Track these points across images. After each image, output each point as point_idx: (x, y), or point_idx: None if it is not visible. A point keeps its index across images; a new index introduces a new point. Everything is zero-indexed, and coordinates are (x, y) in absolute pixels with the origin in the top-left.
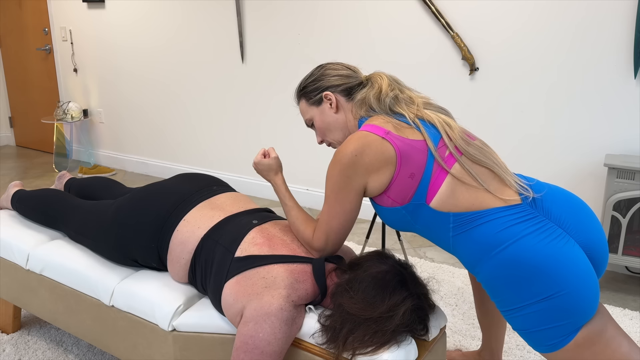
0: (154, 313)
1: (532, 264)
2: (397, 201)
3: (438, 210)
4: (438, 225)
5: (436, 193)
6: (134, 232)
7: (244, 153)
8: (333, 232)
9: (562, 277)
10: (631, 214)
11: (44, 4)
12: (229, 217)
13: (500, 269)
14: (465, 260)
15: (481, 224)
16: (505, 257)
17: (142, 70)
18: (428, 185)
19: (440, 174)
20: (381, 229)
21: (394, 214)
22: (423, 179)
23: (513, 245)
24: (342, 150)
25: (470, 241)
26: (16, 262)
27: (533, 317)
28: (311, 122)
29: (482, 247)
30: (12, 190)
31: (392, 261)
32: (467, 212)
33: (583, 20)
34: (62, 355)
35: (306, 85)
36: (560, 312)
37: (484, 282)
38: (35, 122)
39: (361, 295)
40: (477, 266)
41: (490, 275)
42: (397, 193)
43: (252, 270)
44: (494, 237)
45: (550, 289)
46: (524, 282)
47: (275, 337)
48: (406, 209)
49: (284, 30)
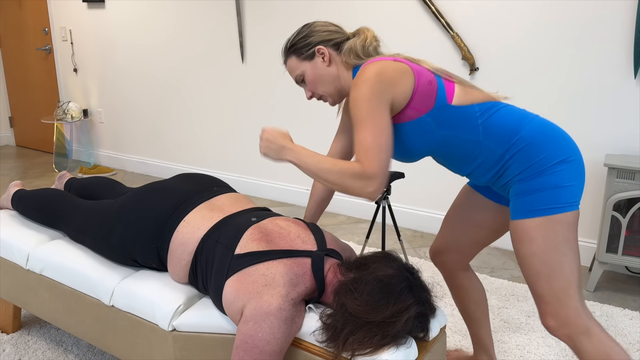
0: (154, 313)
1: (556, 130)
2: (422, 109)
3: (461, 105)
4: (465, 119)
5: (453, 94)
6: (135, 233)
7: (243, 153)
8: (383, 151)
9: (574, 145)
10: (631, 214)
11: (44, 4)
12: (228, 216)
13: (538, 132)
14: (500, 136)
15: (500, 109)
16: (537, 124)
17: (142, 70)
18: (444, 88)
19: (447, 81)
20: (381, 229)
21: (418, 126)
22: (439, 84)
23: (534, 120)
24: (363, 74)
25: (501, 119)
26: (16, 262)
27: (563, 173)
28: (302, 78)
29: (513, 119)
30: (13, 190)
31: (399, 265)
32: (484, 102)
33: (583, 20)
34: (62, 355)
35: (295, 42)
36: (577, 173)
37: (523, 144)
38: (35, 122)
39: (365, 298)
40: (515, 135)
41: (531, 136)
42: (420, 101)
43: (252, 267)
44: (517, 113)
45: (571, 152)
46: (555, 142)
47: (275, 336)
48: (431, 115)
49: (284, 30)
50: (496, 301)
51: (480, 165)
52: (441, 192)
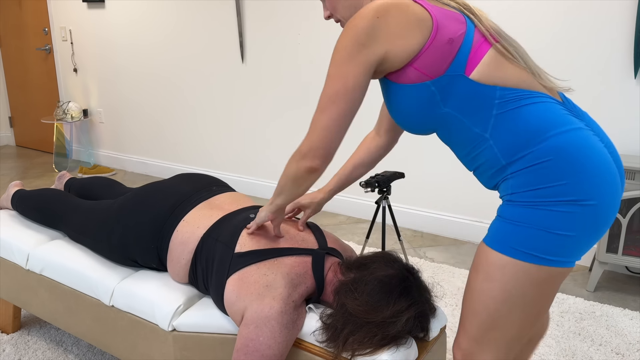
0: (154, 313)
1: (592, 159)
2: (427, 73)
3: (481, 82)
4: (477, 102)
5: (478, 64)
6: (134, 233)
7: (243, 153)
8: (332, 125)
9: (608, 189)
10: (631, 214)
11: (44, 4)
12: (226, 215)
13: (561, 151)
14: (509, 143)
15: (531, 104)
16: (566, 140)
17: (142, 70)
18: (468, 54)
19: (483, 44)
20: (381, 229)
21: (417, 93)
22: (463, 46)
23: (571, 132)
24: (359, 13)
25: (521, 118)
26: (16, 262)
27: (566, 217)
28: None
29: (536, 124)
30: (12, 190)
31: (399, 265)
32: (516, 88)
33: (583, 20)
34: (62, 355)
35: None
36: (588, 224)
37: (533, 162)
38: (35, 122)
39: (365, 298)
40: (528, 147)
41: (548, 155)
42: (429, 62)
43: (253, 265)
44: (547, 118)
45: (596, 195)
46: (578, 174)
47: (276, 340)
48: (437, 83)
49: (284, 30)
50: None
51: (480, 167)
52: (441, 192)
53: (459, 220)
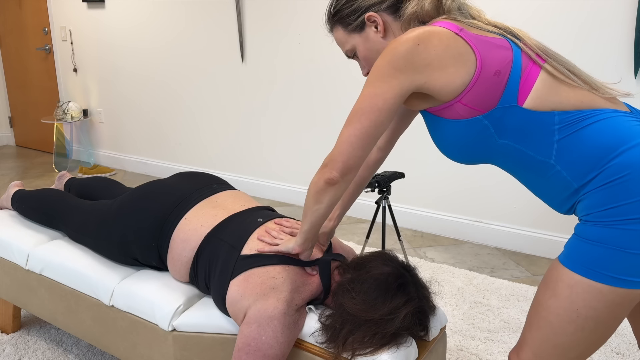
0: (154, 313)
1: None
2: (478, 108)
3: (536, 110)
4: (536, 130)
5: (530, 91)
6: (135, 231)
7: (243, 153)
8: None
9: None
10: None
11: (44, 4)
12: (232, 215)
13: (629, 168)
14: (579, 165)
15: (595, 122)
16: (632, 156)
17: (142, 70)
18: (519, 82)
19: (532, 69)
20: (381, 229)
21: (468, 128)
22: (512, 75)
23: None
24: (401, 37)
25: (588, 139)
26: (16, 262)
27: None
28: (353, 53)
29: (606, 141)
30: (12, 190)
31: (395, 263)
32: (576, 110)
33: (583, 20)
34: (62, 355)
35: (340, 9)
36: None
37: (609, 179)
38: (35, 122)
39: (362, 297)
40: (601, 165)
41: (624, 170)
42: (478, 97)
43: (260, 268)
44: (614, 134)
45: None
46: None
47: (278, 340)
48: (490, 117)
49: (284, 30)
50: (496, 301)
51: (551, 193)
52: (441, 192)
53: (459, 220)
